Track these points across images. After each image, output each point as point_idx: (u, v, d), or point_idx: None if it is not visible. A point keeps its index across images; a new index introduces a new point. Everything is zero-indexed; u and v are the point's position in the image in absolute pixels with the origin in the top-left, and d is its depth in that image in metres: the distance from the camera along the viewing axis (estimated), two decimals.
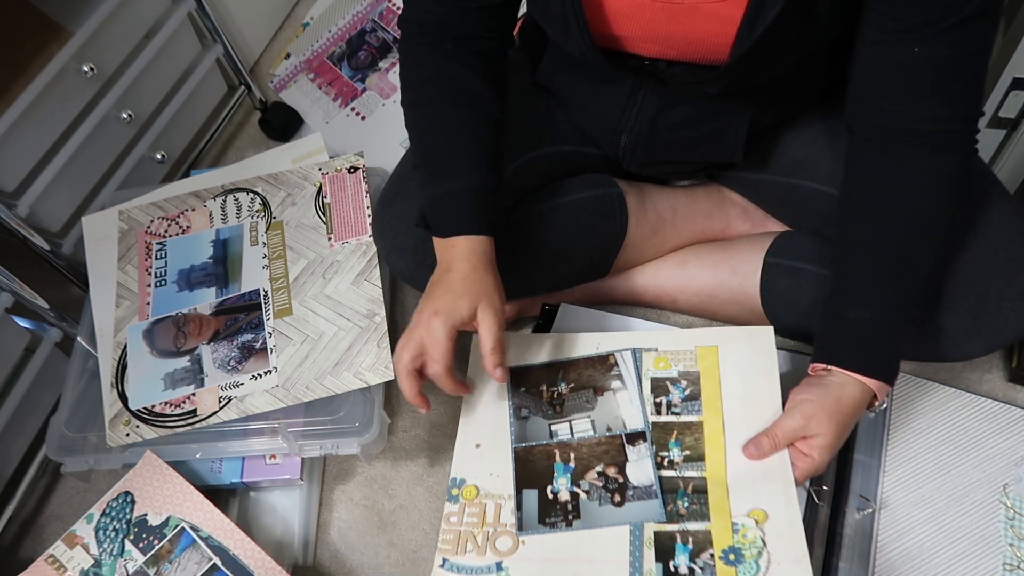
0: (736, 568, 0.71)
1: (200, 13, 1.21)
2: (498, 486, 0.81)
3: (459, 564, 0.76)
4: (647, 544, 0.74)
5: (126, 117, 1.13)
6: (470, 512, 0.79)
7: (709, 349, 0.83)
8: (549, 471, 0.80)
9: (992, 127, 1.00)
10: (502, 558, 0.76)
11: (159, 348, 0.97)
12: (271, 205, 1.07)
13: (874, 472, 0.89)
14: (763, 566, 0.71)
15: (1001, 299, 0.82)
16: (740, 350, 0.83)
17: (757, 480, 0.75)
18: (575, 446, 0.81)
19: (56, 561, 0.88)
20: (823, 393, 0.76)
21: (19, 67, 0.99)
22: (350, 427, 0.91)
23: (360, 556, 0.96)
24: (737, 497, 0.75)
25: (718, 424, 0.79)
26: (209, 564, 0.86)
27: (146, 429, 0.92)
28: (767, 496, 0.74)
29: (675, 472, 0.78)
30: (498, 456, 0.82)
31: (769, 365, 0.81)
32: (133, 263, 1.04)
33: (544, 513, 0.77)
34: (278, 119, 1.33)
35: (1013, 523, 0.84)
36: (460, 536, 0.78)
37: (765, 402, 0.79)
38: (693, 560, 0.72)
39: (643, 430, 0.80)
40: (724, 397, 0.81)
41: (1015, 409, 0.91)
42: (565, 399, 0.84)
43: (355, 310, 0.97)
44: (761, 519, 0.73)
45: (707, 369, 0.82)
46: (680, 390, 0.82)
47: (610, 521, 0.76)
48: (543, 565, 0.75)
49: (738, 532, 0.73)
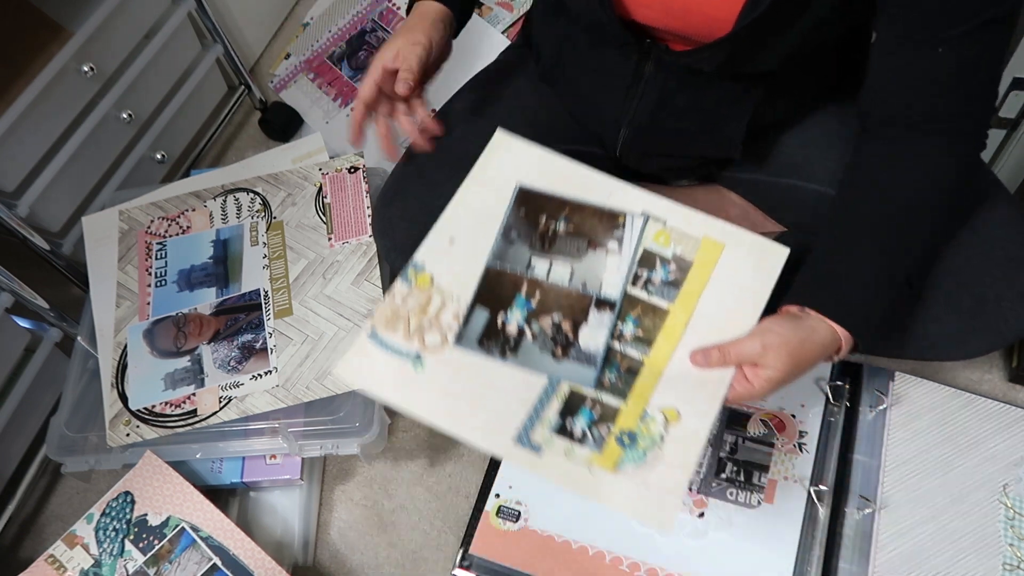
0: (623, 450, 0.70)
1: (200, 13, 1.21)
2: (453, 287, 0.78)
3: (384, 340, 0.75)
4: (558, 396, 0.73)
5: (126, 117, 1.13)
6: (415, 297, 0.78)
7: (715, 245, 0.78)
8: (509, 300, 0.77)
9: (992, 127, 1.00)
10: (424, 351, 0.75)
11: (159, 348, 0.97)
12: (271, 205, 1.07)
13: (874, 472, 0.89)
14: (648, 459, 0.70)
15: (1001, 299, 0.82)
16: (743, 259, 0.77)
17: (689, 384, 0.73)
18: (544, 287, 0.77)
19: (56, 561, 0.88)
20: (792, 330, 0.73)
21: (19, 67, 0.99)
22: (350, 427, 0.91)
23: (360, 556, 0.96)
24: (662, 391, 0.73)
25: (683, 319, 0.76)
26: (209, 564, 0.86)
27: (146, 429, 0.92)
28: (689, 401, 0.72)
29: (619, 346, 0.75)
30: (466, 260, 0.79)
31: (763, 286, 0.76)
32: (133, 263, 1.04)
33: (485, 336, 0.75)
34: (278, 119, 1.33)
35: (1013, 523, 0.84)
36: (397, 315, 0.76)
37: (740, 319, 0.75)
38: (590, 427, 0.72)
39: (615, 300, 0.77)
40: (703, 297, 0.76)
41: (1015, 409, 0.91)
42: (558, 238, 0.80)
43: (355, 310, 0.97)
44: (671, 418, 0.71)
45: (702, 263, 0.78)
46: (665, 272, 0.78)
47: (541, 369, 0.74)
48: (456, 375, 0.74)
49: (644, 421, 0.72)
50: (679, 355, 0.74)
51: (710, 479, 0.90)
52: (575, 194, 0.81)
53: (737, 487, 0.89)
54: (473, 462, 1.01)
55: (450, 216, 0.81)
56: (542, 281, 0.78)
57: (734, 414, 0.94)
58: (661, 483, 0.68)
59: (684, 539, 0.87)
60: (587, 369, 0.74)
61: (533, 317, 0.77)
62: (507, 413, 0.72)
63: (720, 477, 0.90)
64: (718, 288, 0.76)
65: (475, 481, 0.98)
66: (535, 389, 0.73)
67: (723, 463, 0.91)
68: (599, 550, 0.87)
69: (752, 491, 0.89)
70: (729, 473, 0.90)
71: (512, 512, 0.91)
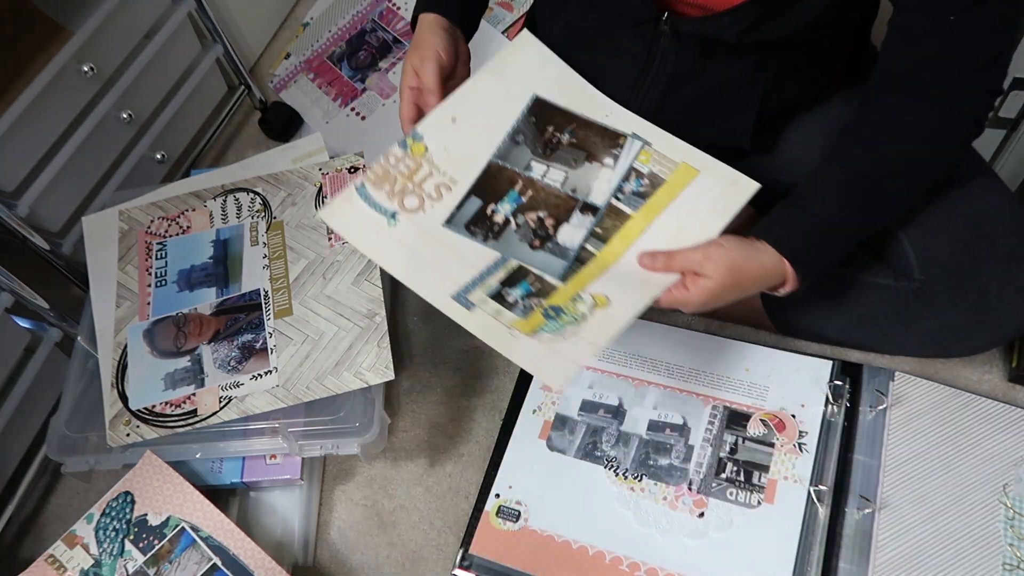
0: (546, 320, 0.75)
1: (200, 13, 1.21)
2: (444, 163, 0.83)
3: (369, 194, 0.82)
4: (504, 269, 0.79)
5: (126, 117, 1.13)
6: (407, 163, 0.83)
7: (690, 170, 0.82)
8: (502, 193, 0.83)
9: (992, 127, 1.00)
10: (400, 211, 0.81)
11: (159, 348, 0.97)
12: (271, 205, 1.07)
13: (874, 472, 0.89)
14: (565, 333, 0.74)
15: (1003, 293, 0.83)
16: (713, 186, 0.82)
17: (629, 280, 0.77)
18: (537, 186, 0.83)
19: (56, 561, 0.88)
20: (738, 248, 0.77)
21: (19, 67, 0.99)
22: (350, 427, 0.91)
23: (360, 556, 0.96)
24: (601, 281, 0.77)
25: (642, 226, 0.80)
26: (209, 564, 0.86)
27: (146, 429, 0.92)
28: (622, 293, 0.76)
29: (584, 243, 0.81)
30: (466, 147, 0.84)
31: (724, 212, 0.80)
32: (133, 263, 1.04)
33: (473, 222, 0.81)
34: (278, 119, 1.33)
35: (1013, 523, 0.84)
36: (386, 175, 0.83)
37: (695, 237, 0.78)
38: (524, 299, 0.76)
39: (600, 207, 0.81)
40: (666, 211, 0.80)
41: (1015, 409, 0.91)
42: (560, 147, 0.84)
43: (355, 310, 0.97)
44: (600, 303, 0.75)
45: (673, 183, 0.82)
46: (638, 184, 0.82)
47: (516, 254, 0.80)
48: (422, 237, 0.80)
49: (574, 301, 0.76)
50: (628, 256, 0.79)
51: (710, 479, 0.90)
52: (583, 111, 0.86)
53: (737, 487, 0.89)
54: (473, 462, 1.01)
55: (459, 97, 0.85)
56: (536, 181, 0.84)
57: (734, 414, 0.94)
58: (568, 352, 0.73)
59: (684, 539, 0.87)
60: (559, 260, 0.79)
61: (520, 211, 0.82)
62: (455, 275, 0.78)
63: (720, 477, 0.90)
64: (682, 207, 0.81)
65: (475, 481, 0.98)
66: (487, 261, 0.79)
67: (723, 463, 0.91)
68: (599, 550, 0.87)
69: (752, 491, 0.89)
70: (729, 473, 0.90)
71: (512, 512, 0.91)
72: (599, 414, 0.97)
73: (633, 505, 0.90)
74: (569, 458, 0.94)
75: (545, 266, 0.79)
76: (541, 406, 0.98)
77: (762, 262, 0.77)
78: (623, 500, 0.90)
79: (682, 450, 0.93)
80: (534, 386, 1.00)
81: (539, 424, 0.97)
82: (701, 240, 0.78)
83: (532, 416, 0.98)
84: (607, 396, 0.98)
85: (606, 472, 0.92)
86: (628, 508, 0.90)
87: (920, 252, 0.86)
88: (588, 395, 0.98)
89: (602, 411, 0.97)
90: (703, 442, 0.93)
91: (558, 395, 0.99)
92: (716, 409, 0.95)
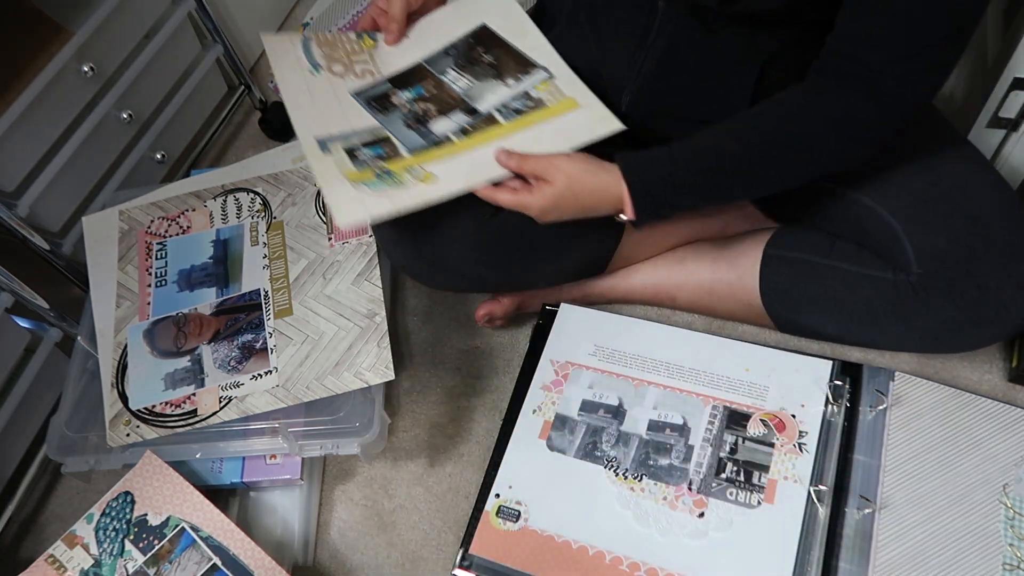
0: (374, 178, 0.83)
1: (200, 13, 1.21)
2: (381, 59, 0.96)
3: (310, 48, 0.95)
4: (372, 135, 0.87)
5: (126, 117, 1.13)
6: (354, 45, 0.97)
7: (572, 103, 0.88)
8: (411, 85, 0.93)
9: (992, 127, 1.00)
10: (325, 70, 0.93)
11: (159, 348, 0.97)
12: (271, 205, 1.07)
13: (874, 472, 0.89)
14: (379, 190, 0.81)
15: (1001, 289, 0.83)
16: (585, 118, 0.87)
17: (460, 168, 0.84)
18: (441, 86, 0.92)
19: (56, 561, 0.88)
20: (584, 161, 0.82)
21: (19, 67, 0.99)
22: (350, 427, 0.91)
23: (360, 556, 0.96)
24: (439, 164, 0.84)
25: (503, 133, 0.86)
26: (209, 564, 0.86)
27: (146, 429, 0.92)
28: (448, 175, 0.83)
29: (452, 136, 0.88)
30: (405, 52, 0.96)
31: (583, 136, 0.84)
32: (133, 263, 1.04)
33: (375, 100, 0.92)
34: (278, 119, 1.33)
35: (1013, 523, 0.84)
36: (333, 45, 0.96)
37: (549, 148, 0.84)
38: (371, 159, 0.85)
39: (480, 113, 0.89)
40: (532, 128, 0.87)
41: (1015, 409, 0.91)
42: (479, 64, 0.94)
43: (355, 310, 0.97)
44: (426, 179, 0.83)
45: (551, 110, 0.88)
46: (523, 104, 0.89)
47: (389, 127, 0.89)
48: (327, 92, 0.91)
49: (406, 171, 0.84)
50: (477, 151, 0.85)
51: (710, 479, 0.90)
52: (515, 42, 0.95)
53: (737, 487, 0.89)
54: (473, 462, 1.01)
55: (420, 26, 0.98)
56: (444, 83, 0.93)
57: (734, 414, 0.94)
58: (368, 201, 0.80)
59: (684, 539, 0.87)
60: (418, 139, 0.87)
61: (418, 100, 0.92)
62: (330, 124, 0.88)
63: (720, 477, 0.90)
64: (546, 127, 0.87)
65: (475, 481, 0.98)
66: (363, 125, 0.88)
67: (723, 463, 0.91)
68: (599, 550, 0.87)
69: (752, 491, 0.89)
70: (729, 473, 0.90)
71: (512, 512, 0.91)
72: (599, 414, 0.97)
73: (633, 505, 0.90)
74: (569, 458, 0.94)
75: (406, 140, 0.87)
76: (541, 406, 0.98)
77: (602, 179, 0.82)
78: (623, 500, 0.90)
79: (682, 450, 0.93)
80: (534, 386, 1.00)
81: (539, 424, 0.97)
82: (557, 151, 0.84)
83: (532, 416, 0.98)
84: (607, 396, 0.98)
85: (606, 472, 0.92)
86: (628, 508, 0.90)
87: (918, 248, 0.86)
88: (588, 395, 0.98)
89: (602, 411, 0.97)
90: (703, 442, 0.93)
91: (558, 395, 0.99)
92: (716, 409, 0.95)
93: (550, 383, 1.00)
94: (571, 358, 1.02)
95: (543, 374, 1.01)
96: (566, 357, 1.02)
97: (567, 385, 1.00)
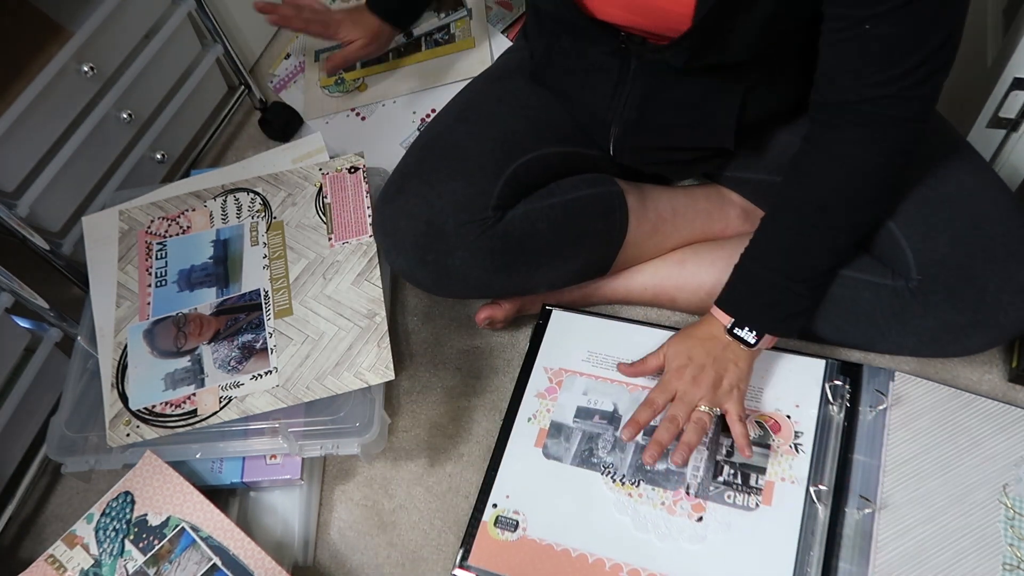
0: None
1: (200, 13, 1.21)
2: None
3: None
4: None
5: (126, 117, 1.13)
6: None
7: (470, 41, 1.17)
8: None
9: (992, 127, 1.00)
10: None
11: (159, 348, 0.97)
12: (271, 205, 1.07)
13: (874, 472, 0.89)
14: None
15: (1001, 292, 0.83)
16: (470, 59, 1.18)
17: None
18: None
19: (56, 561, 0.88)
20: (687, 328, 0.93)
21: (19, 67, 0.99)
22: (350, 427, 0.91)
23: (360, 556, 0.96)
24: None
25: (422, 59, 1.20)
26: (209, 564, 0.86)
27: (146, 429, 0.92)
28: None
29: None
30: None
31: (458, 76, 1.20)
32: (133, 263, 1.04)
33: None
34: (278, 119, 1.33)
35: (1013, 523, 0.84)
36: None
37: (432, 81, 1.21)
38: None
39: (414, 38, 1.23)
40: (436, 61, 1.17)
41: (1015, 409, 0.91)
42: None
43: (355, 310, 0.97)
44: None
45: (455, 46, 1.19)
46: (441, 36, 1.18)
47: None
48: None
49: None
50: (402, 71, 1.23)
51: (707, 483, 0.90)
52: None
53: (735, 490, 0.89)
54: (473, 462, 1.01)
55: None
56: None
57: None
58: (327, 101, 1.24)
59: (683, 544, 0.87)
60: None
61: None
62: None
63: (717, 480, 0.90)
64: (447, 61, 1.12)
65: (475, 481, 0.98)
66: None
67: (720, 466, 0.91)
68: (598, 557, 0.87)
69: (750, 493, 0.89)
70: (726, 476, 0.90)
71: (510, 522, 0.91)
72: (594, 420, 0.96)
73: (631, 511, 0.90)
74: (566, 465, 0.94)
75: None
76: (536, 414, 0.98)
77: (709, 327, 0.89)
78: (621, 506, 0.90)
79: None
80: (528, 394, 0.99)
81: (534, 432, 0.97)
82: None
83: (527, 424, 0.97)
84: (602, 402, 0.98)
85: (603, 478, 0.92)
86: (626, 514, 0.90)
87: (918, 251, 0.86)
88: (583, 402, 0.98)
89: (597, 417, 0.97)
90: (699, 445, 0.92)
91: (552, 403, 0.98)
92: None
93: (544, 390, 1.00)
94: (564, 364, 1.01)
95: (537, 382, 1.00)
96: (559, 364, 1.01)
97: (561, 392, 0.99)
